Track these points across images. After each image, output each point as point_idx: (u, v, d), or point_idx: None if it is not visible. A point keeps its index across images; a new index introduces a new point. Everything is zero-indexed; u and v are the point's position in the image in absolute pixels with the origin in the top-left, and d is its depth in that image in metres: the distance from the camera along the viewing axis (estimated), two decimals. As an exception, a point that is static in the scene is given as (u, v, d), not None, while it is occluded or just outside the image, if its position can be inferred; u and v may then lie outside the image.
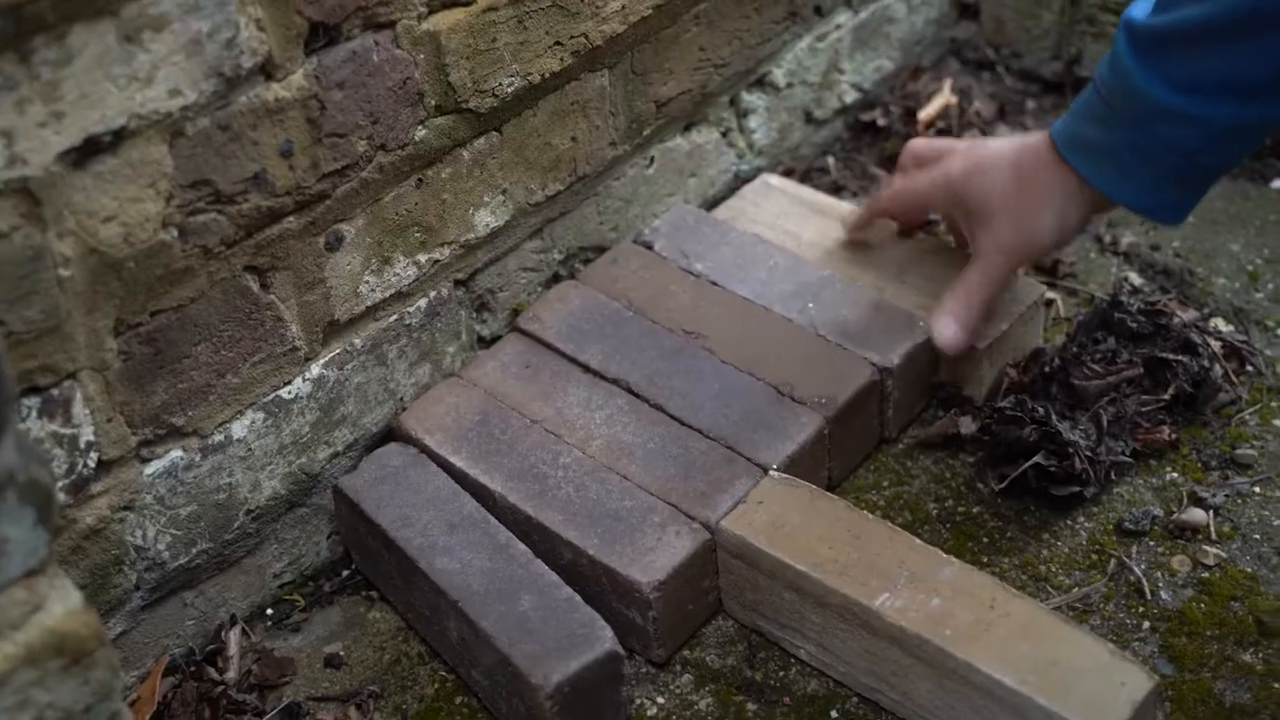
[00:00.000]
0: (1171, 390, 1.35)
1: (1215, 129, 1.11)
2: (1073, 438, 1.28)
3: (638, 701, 1.19)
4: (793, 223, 1.51)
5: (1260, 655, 1.17)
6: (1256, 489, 1.31)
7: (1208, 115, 1.11)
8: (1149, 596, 1.22)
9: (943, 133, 1.73)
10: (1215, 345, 1.40)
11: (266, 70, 1.06)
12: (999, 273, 1.29)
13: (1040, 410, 1.29)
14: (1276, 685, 1.14)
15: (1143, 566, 1.25)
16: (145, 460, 1.14)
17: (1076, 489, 1.28)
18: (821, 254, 1.47)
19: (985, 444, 1.33)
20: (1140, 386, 1.36)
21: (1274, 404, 1.38)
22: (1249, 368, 1.42)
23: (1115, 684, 1.04)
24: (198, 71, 1.00)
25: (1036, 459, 1.28)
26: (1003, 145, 1.29)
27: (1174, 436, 1.34)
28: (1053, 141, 1.23)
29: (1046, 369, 1.36)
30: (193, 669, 1.23)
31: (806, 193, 1.57)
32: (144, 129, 0.98)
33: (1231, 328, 1.46)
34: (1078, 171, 1.21)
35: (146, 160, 0.99)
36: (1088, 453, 1.28)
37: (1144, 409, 1.34)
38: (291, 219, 1.14)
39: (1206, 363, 1.37)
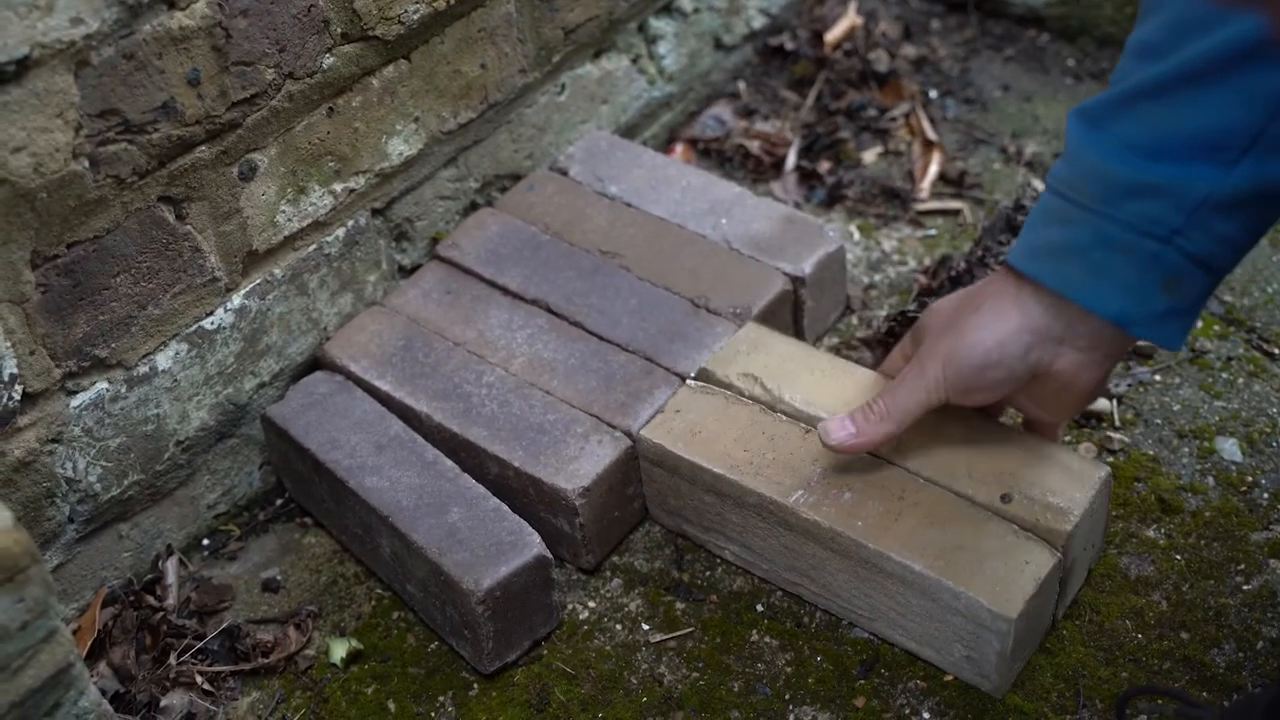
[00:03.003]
0: None
1: (1194, 199, 0.90)
2: None
3: (569, 607, 1.23)
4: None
5: (1162, 531, 1.22)
6: (1157, 377, 1.36)
7: (1182, 182, 0.90)
8: (1056, 483, 1.27)
9: (849, 55, 1.76)
10: None
11: (169, -2, 1.07)
12: (910, 387, 1.09)
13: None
14: (1178, 557, 1.20)
15: (1050, 455, 1.30)
16: (71, 393, 1.15)
17: None
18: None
19: (890, 344, 1.37)
20: None
21: (1172, 297, 1.43)
22: None
23: (1020, 563, 1.09)
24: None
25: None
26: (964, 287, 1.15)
27: None
28: (1007, 265, 1.03)
29: (953, 273, 1.40)
30: (131, 598, 1.25)
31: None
32: (48, 58, 0.99)
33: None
34: (1038, 283, 0.99)
35: (52, 90, 1.00)
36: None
37: None
38: (203, 148, 1.16)
39: None
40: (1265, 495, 1.24)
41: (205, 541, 1.33)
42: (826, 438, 1.13)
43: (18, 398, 1.10)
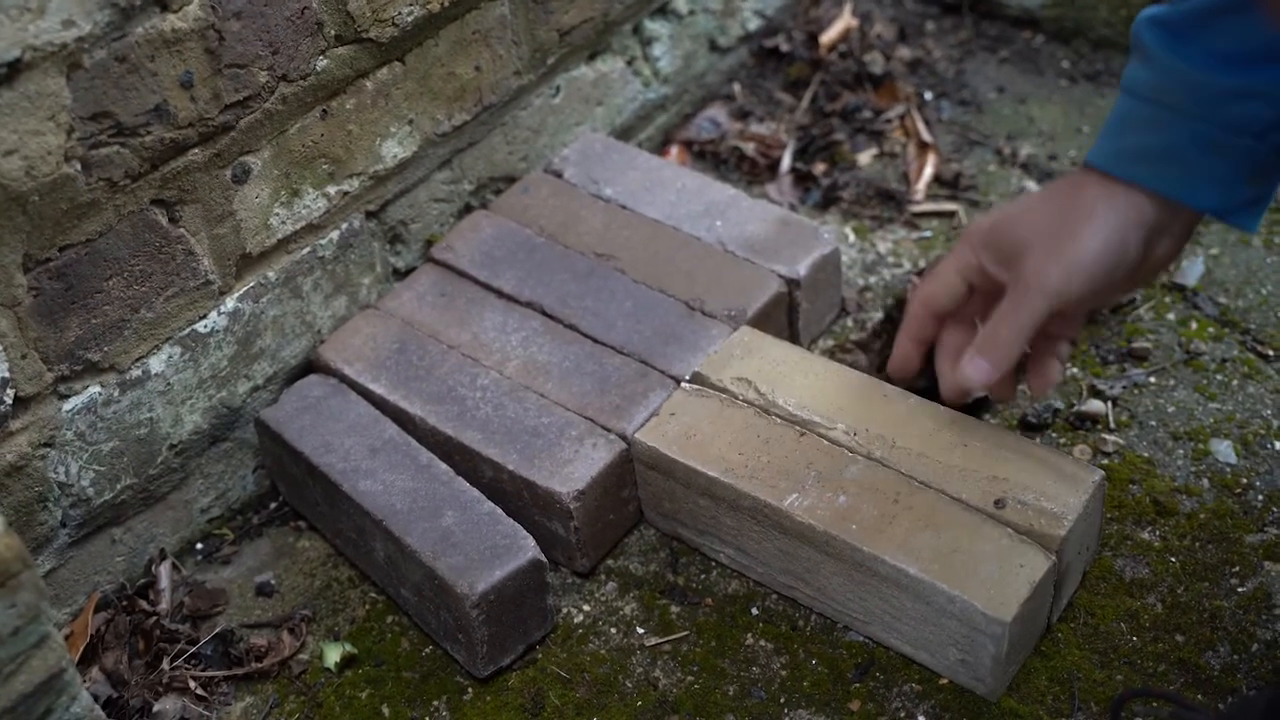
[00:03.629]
0: None
1: None
2: None
3: (564, 610, 1.22)
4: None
5: (1157, 533, 1.22)
6: (1152, 379, 1.36)
7: (1274, 84, 0.97)
8: (1051, 486, 1.27)
9: (844, 56, 1.76)
10: None
11: (161, 1, 1.06)
12: (1032, 303, 1.06)
13: None
14: (1173, 560, 1.20)
15: (1045, 458, 1.30)
16: (63, 396, 1.15)
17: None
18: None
19: (880, 346, 1.37)
20: None
21: (1167, 299, 1.43)
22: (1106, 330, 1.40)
23: (1014, 566, 1.09)
24: (91, 2, 1.00)
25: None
26: (1032, 193, 1.15)
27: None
28: (1091, 167, 1.06)
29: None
30: (124, 603, 1.25)
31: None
32: (39, 61, 0.99)
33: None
34: (1135, 184, 1.04)
35: (44, 93, 1.00)
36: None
37: None
38: (196, 151, 1.15)
39: None
40: (1260, 497, 1.24)
41: (199, 545, 1.33)
42: (969, 383, 1.11)
43: (9, 402, 1.10)
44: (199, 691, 1.18)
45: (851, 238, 1.56)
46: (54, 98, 1.01)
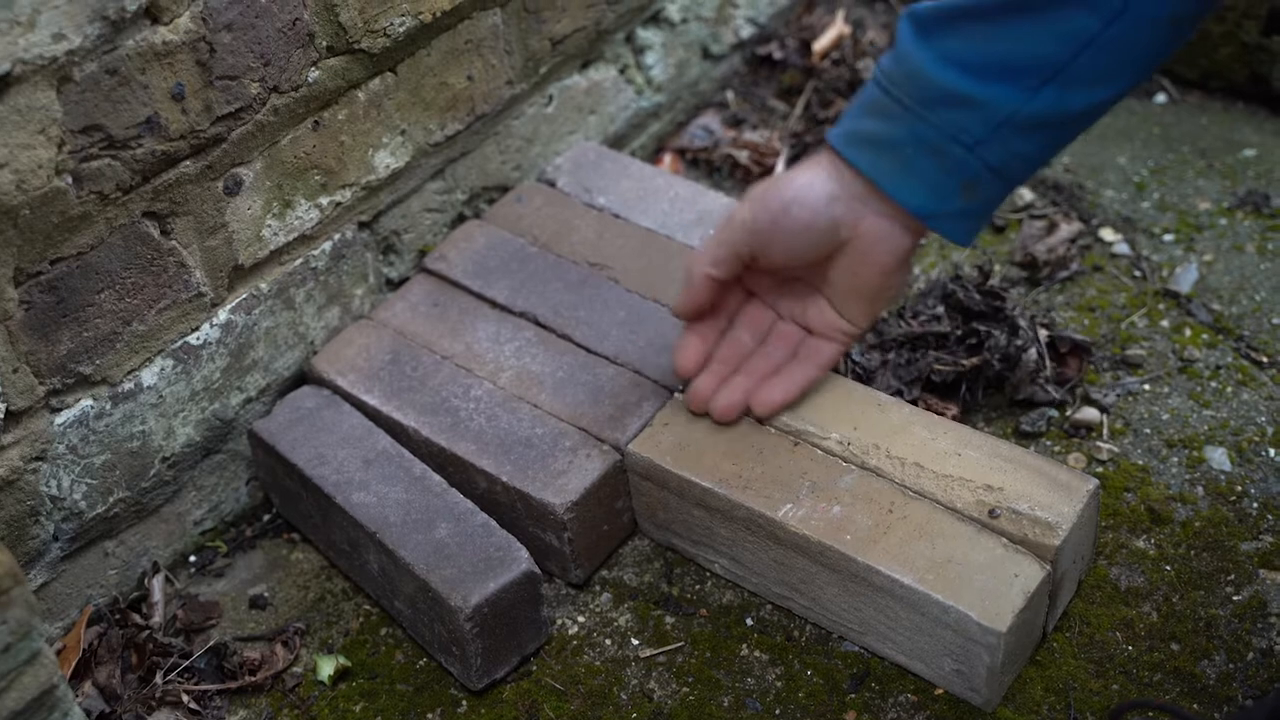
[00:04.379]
0: (974, 359, 1.34)
1: (999, 116, 1.00)
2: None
3: (559, 622, 1.22)
4: None
5: (1152, 541, 1.22)
6: (1146, 386, 1.36)
7: (990, 99, 1.00)
8: (1046, 494, 1.27)
9: (837, 64, 1.76)
10: (1043, 334, 1.37)
11: (152, 13, 1.06)
12: (721, 234, 1.14)
13: None
14: (1168, 568, 1.20)
15: (1040, 466, 1.29)
16: (55, 410, 1.14)
17: None
18: None
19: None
20: (950, 350, 1.37)
21: (1161, 306, 1.43)
22: (1089, 365, 1.38)
23: (1009, 576, 1.09)
24: (81, 15, 1.00)
25: None
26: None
27: (953, 416, 1.33)
28: (827, 143, 1.10)
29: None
30: (117, 616, 1.24)
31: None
32: (29, 74, 0.98)
33: (1120, 237, 1.51)
34: (854, 166, 1.07)
35: (34, 106, 0.99)
36: (856, 366, 1.34)
37: (940, 365, 1.35)
38: (188, 163, 1.15)
39: (1021, 344, 1.34)
40: (1255, 505, 1.24)
41: (192, 558, 1.32)
42: (674, 311, 1.20)
43: (1, 416, 1.09)
44: (192, 706, 1.18)
45: (845, 246, 1.56)
46: (44, 111, 1.01)
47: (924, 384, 1.35)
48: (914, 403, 1.32)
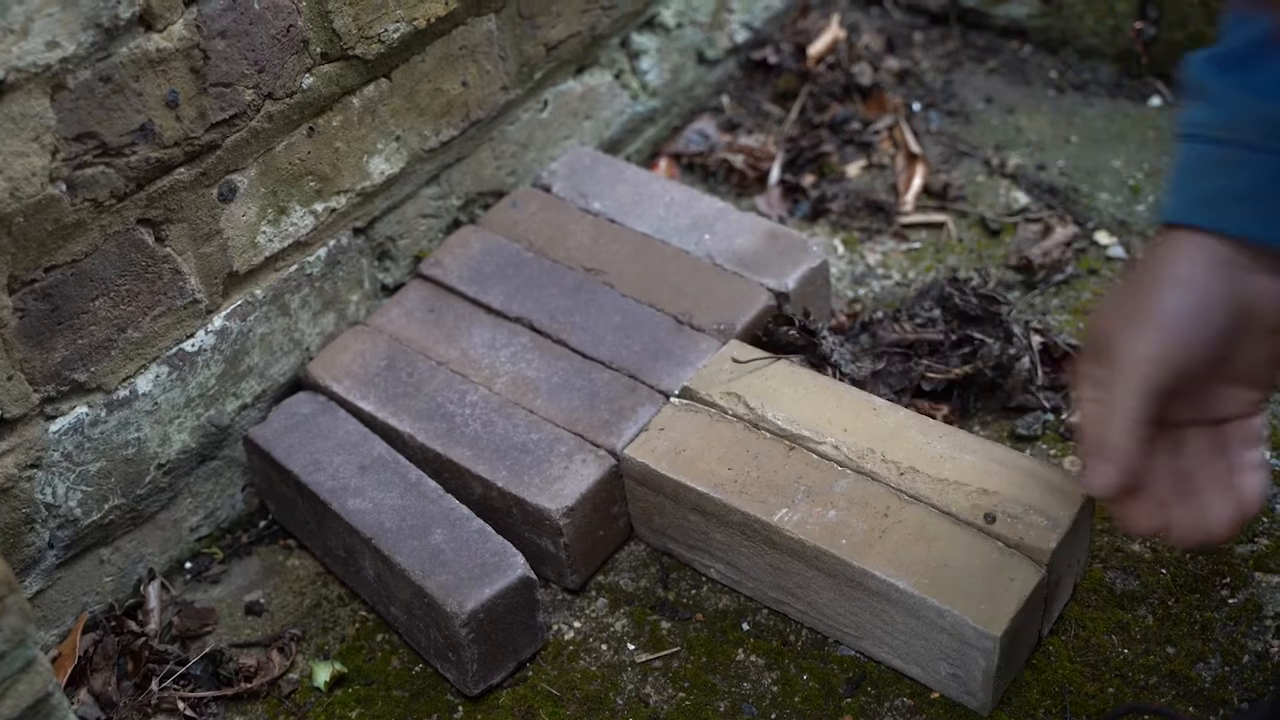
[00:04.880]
0: (966, 367, 1.35)
1: None
2: (831, 351, 1.33)
3: (555, 627, 1.22)
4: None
5: (1148, 544, 1.22)
6: (1141, 390, 1.35)
7: None
8: (1042, 498, 1.27)
9: (832, 68, 1.76)
10: (1036, 341, 1.37)
11: (146, 20, 1.06)
12: (1125, 387, 0.93)
13: (817, 324, 1.34)
14: (1164, 571, 1.20)
15: (1035, 470, 1.29)
16: (50, 417, 1.14)
17: None
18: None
19: (764, 344, 1.36)
20: (943, 357, 1.37)
21: (1156, 309, 1.43)
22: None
23: (1005, 579, 1.09)
24: (75, 23, 1.00)
25: (789, 358, 1.30)
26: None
27: (946, 415, 1.34)
28: (1168, 225, 0.95)
29: (866, 319, 1.43)
30: (113, 624, 1.24)
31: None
32: (23, 82, 0.98)
33: (1115, 240, 1.51)
34: (1212, 232, 0.92)
35: (28, 114, 0.99)
36: (845, 377, 1.33)
37: (932, 374, 1.35)
38: (182, 170, 1.15)
39: (1014, 352, 1.34)
40: (1251, 508, 1.24)
41: (188, 565, 1.32)
42: (1095, 490, 0.96)
43: (-4, 423, 1.09)
44: (188, 712, 1.17)
45: (840, 249, 1.56)
46: (38, 119, 1.01)
47: (914, 392, 1.35)
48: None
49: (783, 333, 1.34)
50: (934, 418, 1.31)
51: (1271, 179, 0.91)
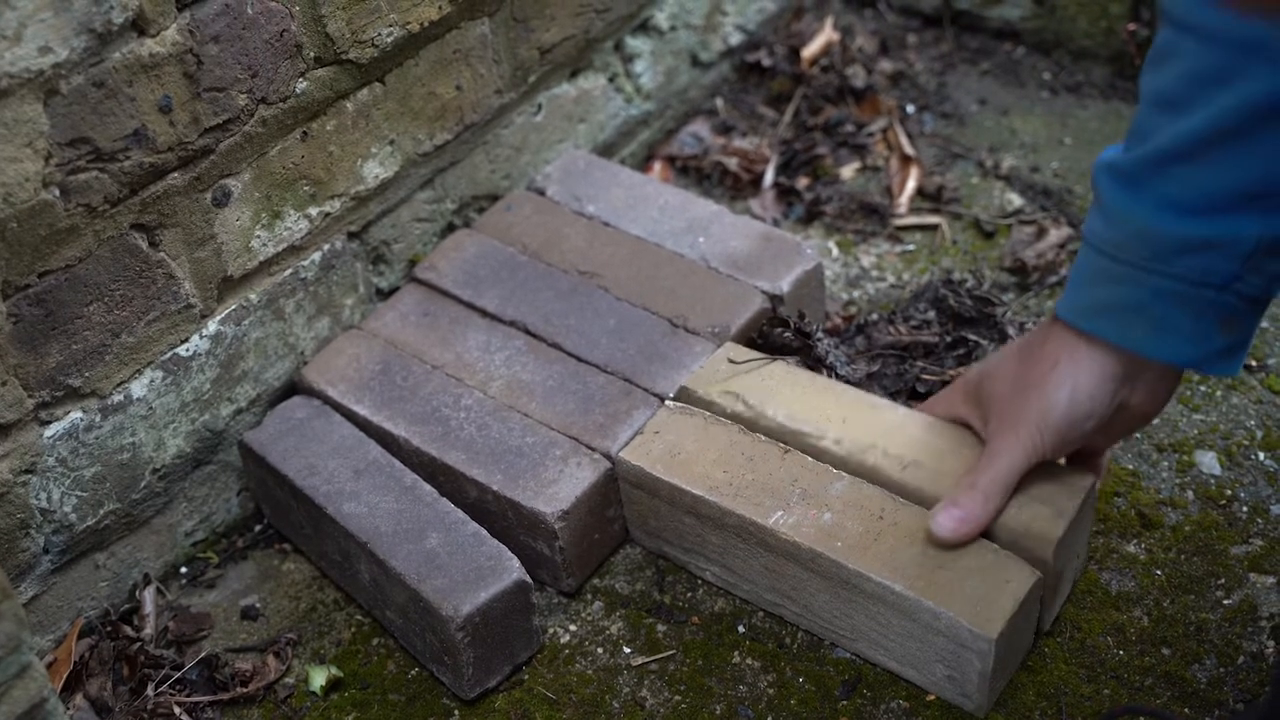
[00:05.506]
0: (961, 369, 1.35)
1: (1245, 249, 0.93)
2: (826, 353, 1.33)
3: (550, 630, 1.22)
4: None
5: (1142, 546, 1.22)
6: (1135, 392, 1.36)
7: (1231, 234, 0.93)
8: (1037, 499, 1.27)
9: (826, 70, 1.76)
10: None
11: (139, 25, 1.06)
12: (1010, 456, 1.08)
13: (812, 326, 1.34)
14: (1158, 572, 1.20)
15: (1030, 471, 1.30)
16: (45, 423, 1.14)
17: None
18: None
19: (759, 346, 1.36)
20: (938, 359, 1.37)
21: (1150, 311, 1.43)
22: None
23: (1000, 581, 1.09)
24: (67, 28, 1.00)
25: (784, 359, 1.30)
26: (1012, 343, 1.14)
27: None
28: (1060, 320, 1.05)
29: (861, 321, 1.43)
30: (109, 629, 1.24)
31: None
32: (16, 88, 0.98)
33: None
34: (1102, 339, 1.02)
35: (21, 119, 0.99)
36: (843, 374, 1.33)
37: (927, 376, 1.35)
38: (176, 175, 1.15)
39: None
40: (1244, 509, 1.24)
41: (183, 569, 1.32)
42: (940, 532, 1.10)
43: (-10, 429, 1.09)
44: (184, 717, 1.17)
45: (835, 252, 1.57)
46: (31, 124, 1.01)
47: (909, 394, 1.35)
48: None
49: (777, 334, 1.34)
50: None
51: (1150, 296, 0.98)
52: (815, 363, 1.33)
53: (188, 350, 1.24)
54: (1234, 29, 0.88)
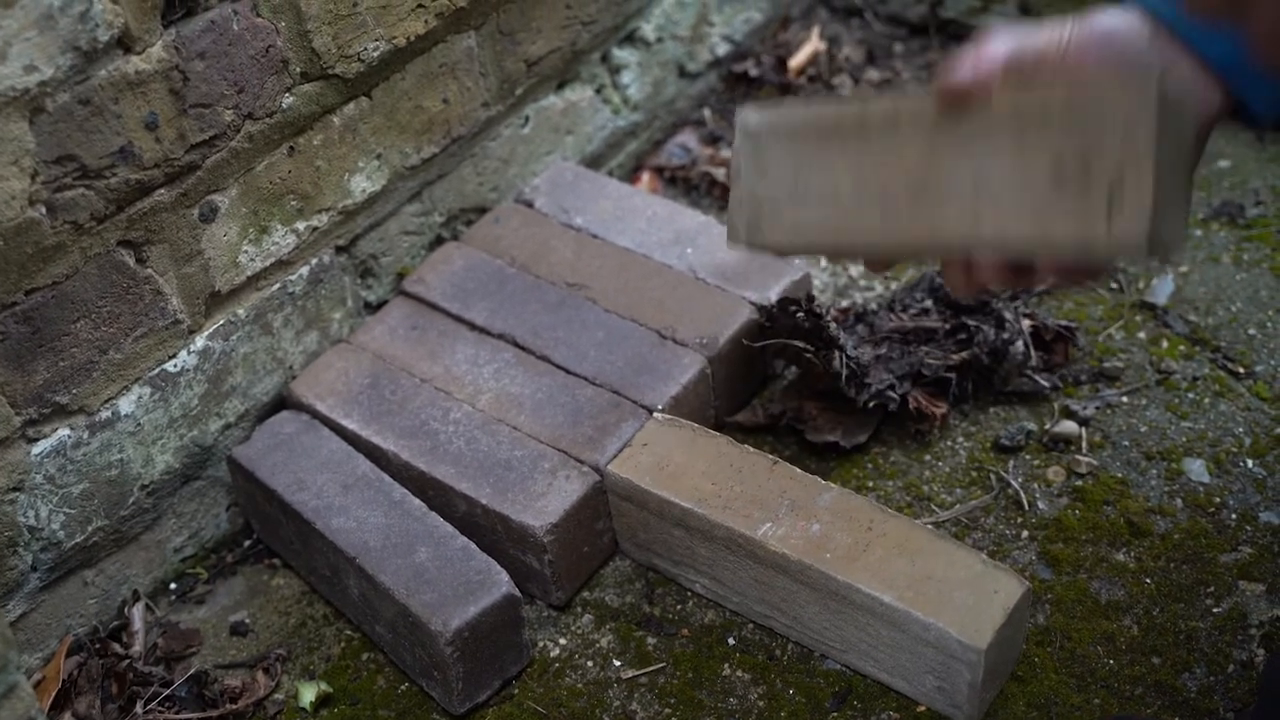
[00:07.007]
0: (963, 354, 1.36)
1: None
2: (838, 336, 1.32)
3: (540, 644, 1.22)
4: None
5: (1132, 554, 1.22)
6: (1125, 399, 1.36)
7: None
8: (1027, 507, 1.27)
9: (813, 80, 1.77)
10: (1026, 325, 1.38)
11: (124, 43, 1.06)
12: (1043, 28, 0.91)
13: (820, 309, 1.34)
14: (1148, 581, 1.20)
15: (1020, 479, 1.30)
16: (32, 440, 1.14)
17: (832, 440, 1.33)
18: None
19: (768, 332, 1.36)
20: (939, 345, 1.38)
21: (1137, 318, 1.44)
22: (1077, 351, 1.40)
23: (989, 592, 1.09)
24: (53, 46, 1.00)
25: (798, 343, 1.31)
26: None
27: (944, 414, 1.34)
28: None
29: (860, 310, 1.44)
30: (97, 646, 1.24)
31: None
32: (2, 106, 0.98)
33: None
34: (1150, 11, 0.90)
35: (7, 138, 0.99)
36: (851, 361, 1.33)
37: (931, 360, 1.35)
38: (162, 191, 1.15)
39: (1009, 337, 1.35)
40: (1233, 516, 1.24)
41: (173, 585, 1.32)
42: (951, 81, 0.89)
43: (-23, 447, 1.09)
44: (173, 734, 1.17)
45: (823, 262, 1.57)
46: (17, 142, 1.00)
47: (915, 378, 1.35)
48: (904, 397, 1.33)
49: (790, 313, 1.33)
50: (934, 416, 1.33)
51: None
52: (827, 344, 1.32)
53: (175, 366, 1.24)
54: None
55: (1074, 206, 0.85)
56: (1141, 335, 1.42)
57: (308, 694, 1.19)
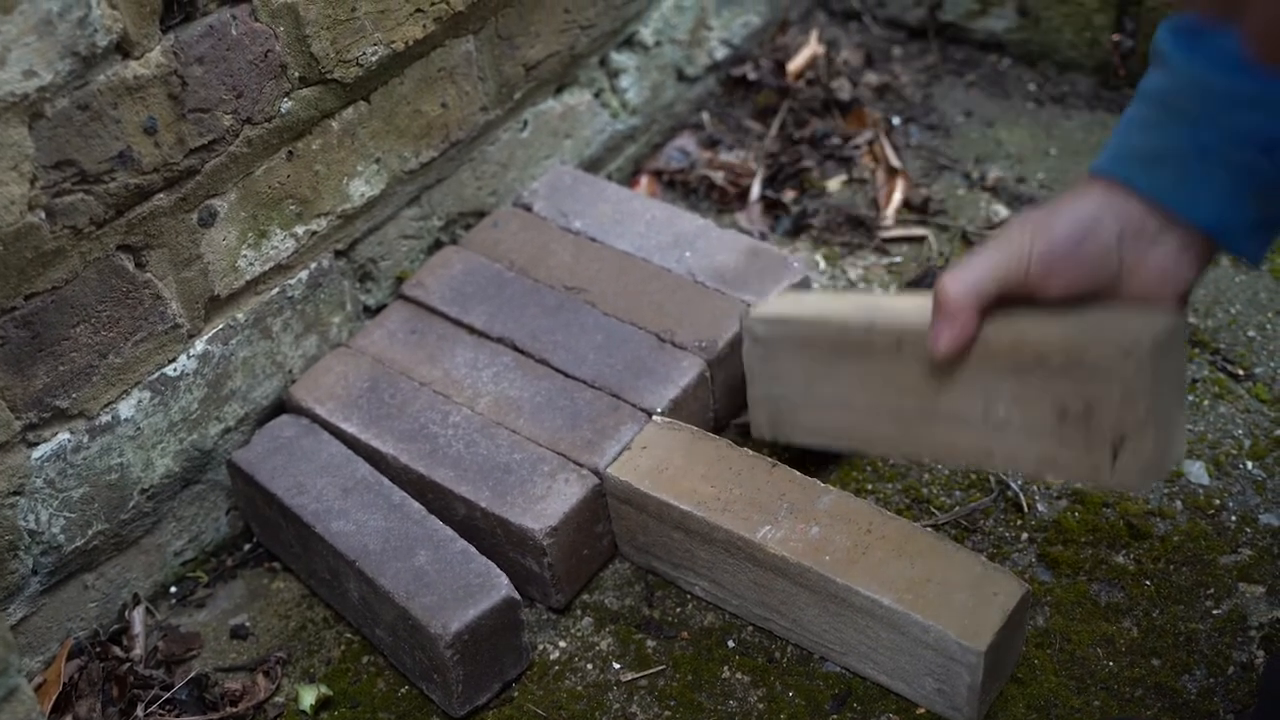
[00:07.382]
0: None
1: None
2: None
3: (540, 647, 1.22)
4: None
5: (1131, 556, 1.22)
6: (1122, 402, 1.36)
7: None
8: (1026, 510, 1.27)
9: (811, 83, 1.77)
10: None
11: (123, 48, 1.06)
12: (999, 249, 0.96)
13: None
14: (1147, 583, 1.20)
15: (1019, 481, 1.30)
16: (32, 444, 1.14)
17: None
18: None
19: None
20: None
21: (1136, 321, 1.44)
22: None
23: (988, 594, 1.09)
24: (52, 52, 1.00)
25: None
26: None
27: None
28: (1093, 175, 0.96)
29: None
30: (98, 649, 1.24)
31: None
32: (1, 112, 0.98)
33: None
34: (1126, 185, 0.93)
35: (6, 143, 0.99)
36: None
37: None
38: (161, 196, 1.15)
39: None
40: (1233, 518, 1.24)
41: (173, 589, 1.32)
42: (937, 353, 0.97)
43: (-23, 452, 1.09)
44: (174, 738, 1.17)
45: (822, 265, 1.57)
46: (16, 147, 1.01)
47: None
48: None
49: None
50: None
51: (1189, 146, 0.91)
52: None
53: (175, 370, 1.24)
54: None
55: (1079, 449, 0.92)
56: (1140, 337, 1.42)
57: (308, 697, 1.19)
